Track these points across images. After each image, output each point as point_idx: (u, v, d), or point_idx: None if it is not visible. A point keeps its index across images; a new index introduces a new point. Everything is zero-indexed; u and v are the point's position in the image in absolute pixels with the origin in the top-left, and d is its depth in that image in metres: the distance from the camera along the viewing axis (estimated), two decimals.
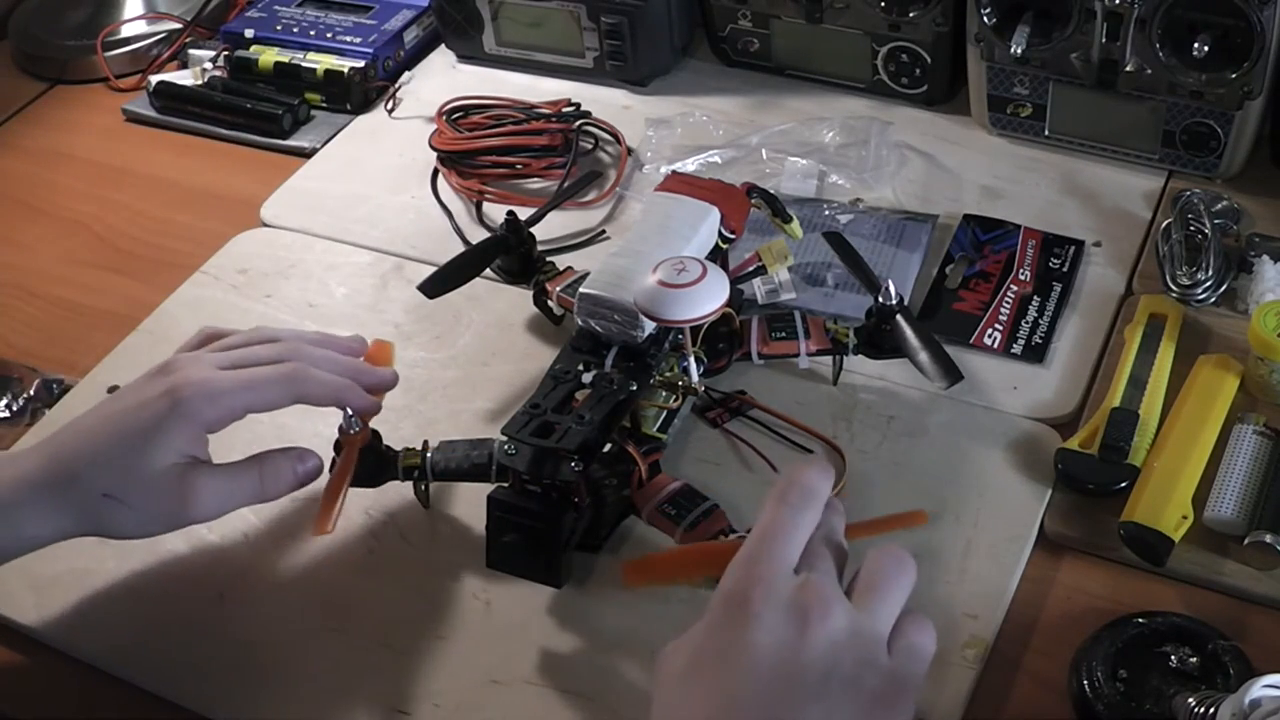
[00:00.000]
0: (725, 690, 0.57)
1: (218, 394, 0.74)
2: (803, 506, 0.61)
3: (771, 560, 0.59)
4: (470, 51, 1.21)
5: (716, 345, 0.85)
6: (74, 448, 0.73)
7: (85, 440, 0.73)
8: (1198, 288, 0.90)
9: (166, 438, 0.72)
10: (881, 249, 0.97)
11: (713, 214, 0.84)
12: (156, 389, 0.73)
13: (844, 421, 0.86)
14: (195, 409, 0.73)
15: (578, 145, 1.08)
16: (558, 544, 0.74)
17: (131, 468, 0.72)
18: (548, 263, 0.94)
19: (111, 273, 1.06)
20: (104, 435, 0.73)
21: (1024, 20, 0.99)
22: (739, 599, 0.58)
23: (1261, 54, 0.92)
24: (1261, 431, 0.79)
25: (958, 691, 0.71)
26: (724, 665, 0.57)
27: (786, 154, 1.05)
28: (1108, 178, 1.02)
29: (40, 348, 0.99)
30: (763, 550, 0.60)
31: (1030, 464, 0.82)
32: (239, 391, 0.74)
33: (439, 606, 0.78)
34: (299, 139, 1.16)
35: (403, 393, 0.91)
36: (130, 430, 0.72)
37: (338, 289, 1.01)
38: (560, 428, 0.73)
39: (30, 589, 0.81)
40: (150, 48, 1.28)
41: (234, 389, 0.74)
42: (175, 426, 0.72)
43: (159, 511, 0.73)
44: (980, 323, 0.91)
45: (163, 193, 1.13)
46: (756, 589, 0.58)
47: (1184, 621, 0.71)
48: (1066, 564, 0.78)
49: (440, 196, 1.07)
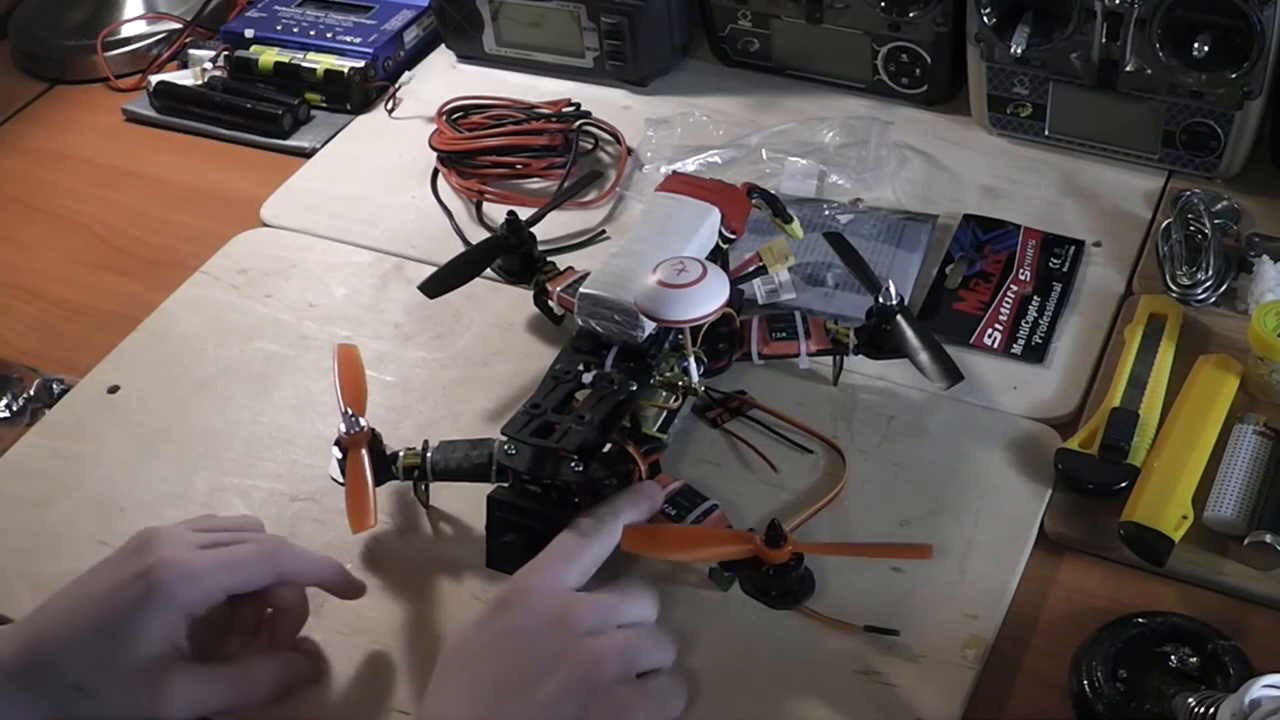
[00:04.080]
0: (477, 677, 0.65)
1: (196, 574, 0.70)
2: (592, 533, 0.72)
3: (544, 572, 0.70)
4: (470, 51, 1.21)
5: (717, 345, 0.85)
6: (50, 633, 0.69)
7: (62, 625, 0.69)
8: (1198, 288, 0.90)
9: (144, 624, 0.68)
10: (881, 249, 0.97)
11: (713, 214, 0.84)
12: (132, 569, 0.70)
13: (844, 421, 0.86)
14: (172, 591, 0.69)
15: (578, 145, 1.08)
16: None
17: (107, 659, 0.68)
18: (548, 263, 0.94)
19: (111, 273, 1.06)
20: (81, 620, 0.69)
21: (1024, 20, 0.99)
22: (503, 600, 0.68)
23: (1261, 54, 0.92)
24: (1261, 431, 0.79)
25: (958, 691, 0.71)
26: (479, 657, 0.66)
27: (786, 154, 1.05)
28: (1108, 178, 1.02)
29: (40, 348, 0.99)
30: (540, 564, 0.70)
31: (1030, 464, 0.82)
32: (218, 571, 0.71)
33: (439, 606, 0.78)
34: (299, 139, 1.16)
35: (403, 393, 0.91)
36: (106, 616, 0.68)
37: (338, 289, 1.00)
38: (560, 428, 0.73)
39: (30, 589, 0.81)
40: (150, 48, 1.28)
41: (213, 569, 0.71)
42: (153, 612, 0.68)
43: (127, 710, 0.68)
44: (980, 323, 0.91)
45: (163, 193, 1.13)
46: (519, 594, 0.68)
47: (1184, 621, 0.71)
48: (1066, 564, 0.78)
49: (440, 196, 1.07)
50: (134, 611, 0.68)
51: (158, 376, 0.94)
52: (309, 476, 0.85)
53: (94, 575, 0.71)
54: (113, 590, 0.69)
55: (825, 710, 0.71)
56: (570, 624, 0.67)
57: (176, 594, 0.69)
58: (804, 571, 0.74)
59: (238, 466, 0.87)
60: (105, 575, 0.71)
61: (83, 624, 0.69)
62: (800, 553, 0.73)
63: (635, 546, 0.73)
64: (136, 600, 0.69)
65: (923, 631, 0.74)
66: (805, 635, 0.74)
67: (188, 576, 0.70)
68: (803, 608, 0.75)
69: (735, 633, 0.75)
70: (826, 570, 0.76)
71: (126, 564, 0.71)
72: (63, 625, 0.69)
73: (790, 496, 0.81)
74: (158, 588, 0.69)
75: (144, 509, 0.85)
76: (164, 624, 0.69)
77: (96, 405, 0.93)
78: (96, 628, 0.68)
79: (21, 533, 0.85)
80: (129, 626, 0.68)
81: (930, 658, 0.73)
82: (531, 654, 0.65)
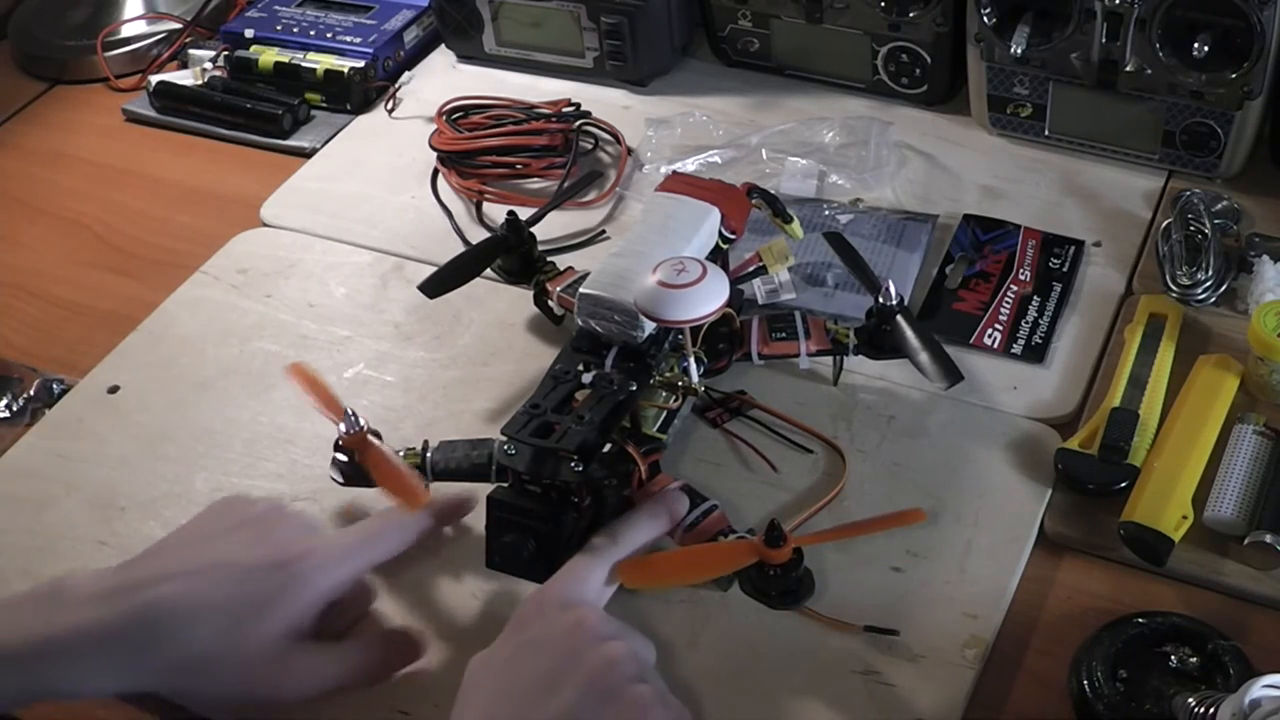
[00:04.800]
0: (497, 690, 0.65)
1: (338, 562, 0.71)
2: (604, 551, 0.72)
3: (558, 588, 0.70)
4: (470, 51, 1.21)
5: (717, 345, 0.85)
6: (172, 600, 0.67)
7: (189, 595, 0.68)
8: (1198, 288, 0.90)
9: (281, 611, 0.68)
10: (881, 249, 0.97)
11: (713, 214, 0.84)
12: (271, 554, 0.70)
13: (844, 421, 0.86)
14: (314, 582, 0.70)
15: (578, 145, 1.08)
16: (558, 544, 0.74)
17: (236, 637, 0.68)
18: (548, 262, 0.94)
19: (111, 273, 1.06)
20: (213, 595, 0.68)
21: (1024, 20, 0.99)
22: (521, 617, 0.69)
23: (1261, 54, 0.92)
24: (1261, 431, 0.79)
25: (958, 691, 0.71)
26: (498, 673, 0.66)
27: (786, 154, 1.05)
28: (1108, 178, 1.02)
29: (40, 348, 0.99)
30: (555, 580, 0.71)
31: (1030, 464, 0.82)
32: (357, 555, 0.72)
33: (439, 606, 0.78)
34: (299, 139, 1.16)
35: (403, 393, 0.91)
36: (242, 596, 0.68)
37: (338, 289, 1.00)
38: (560, 428, 0.73)
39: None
40: (150, 48, 1.28)
41: (352, 553, 0.72)
42: (291, 601, 0.69)
43: (245, 688, 0.69)
44: (980, 323, 0.91)
45: (163, 193, 1.13)
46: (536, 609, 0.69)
47: (1184, 621, 0.71)
48: (1066, 564, 0.78)
49: (440, 196, 1.07)
50: (273, 598, 0.69)
51: (158, 376, 0.94)
52: (309, 476, 0.85)
53: (213, 544, 0.71)
54: (253, 570, 0.69)
55: (825, 710, 0.71)
56: (585, 630, 0.67)
57: (321, 584, 0.70)
58: (803, 571, 0.74)
59: (238, 466, 0.87)
60: (238, 550, 0.70)
61: (215, 599, 0.68)
62: (800, 550, 0.73)
63: (635, 582, 0.73)
64: (277, 588, 0.69)
65: (923, 631, 0.74)
66: (805, 635, 0.74)
67: (327, 566, 0.71)
68: (803, 607, 0.75)
69: (735, 633, 0.75)
70: (826, 570, 0.76)
71: (260, 542, 0.71)
72: (190, 595, 0.68)
73: (790, 496, 0.81)
74: (300, 578, 0.69)
75: (144, 509, 0.85)
76: (300, 612, 0.70)
77: (96, 405, 0.93)
78: (230, 606, 0.68)
79: (21, 533, 0.85)
80: (266, 612, 0.68)
81: (930, 658, 0.73)
82: (549, 662, 0.65)
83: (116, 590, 0.68)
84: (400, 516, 0.75)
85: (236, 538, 0.72)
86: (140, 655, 0.67)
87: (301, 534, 0.73)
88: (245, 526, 0.73)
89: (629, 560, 0.73)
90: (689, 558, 0.75)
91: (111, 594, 0.68)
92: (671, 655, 0.74)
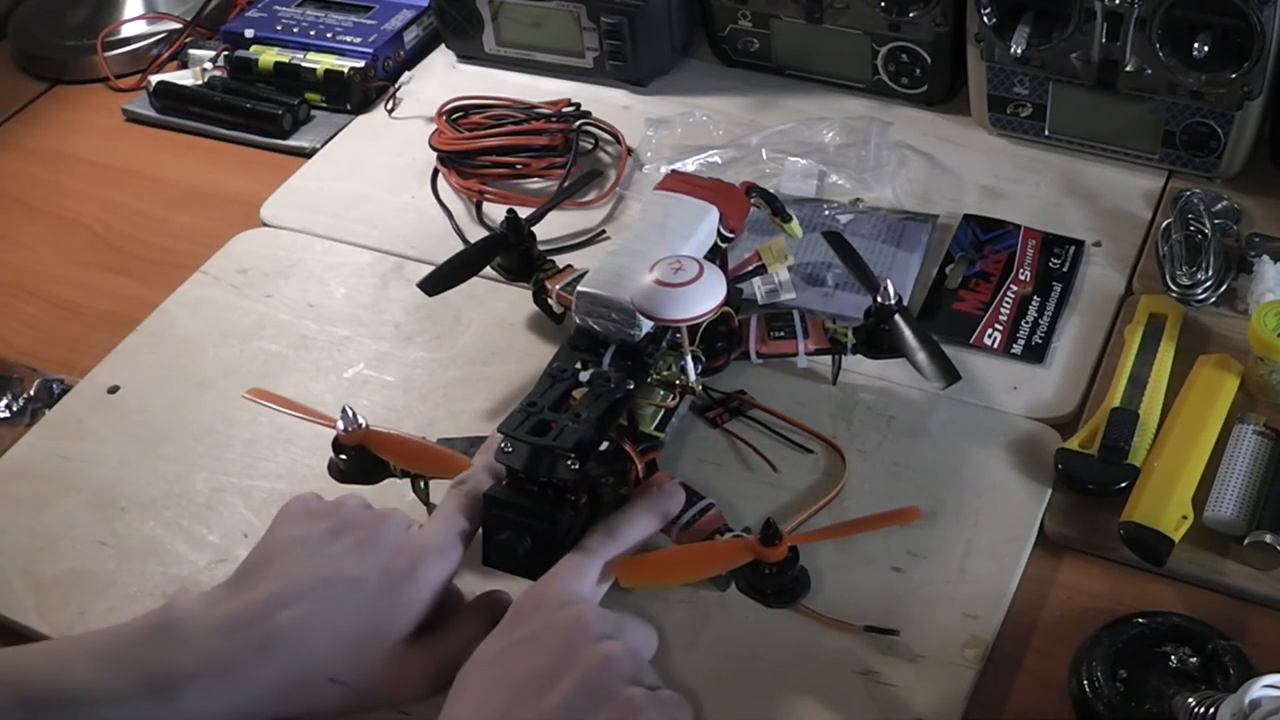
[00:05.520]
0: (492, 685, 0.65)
1: (447, 550, 0.71)
2: (607, 547, 0.72)
3: (555, 584, 0.70)
4: (470, 51, 1.21)
5: (715, 344, 0.85)
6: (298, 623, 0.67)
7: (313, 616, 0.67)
8: (1198, 288, 0.90)
9: (406, 615, 0.69)
10: (881, 249, 0.97)
11: (712, 213, 0.84)
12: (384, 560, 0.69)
13: (844, 421, 0.85)
14: (431, 578, 0.70)
15: (578, 145, 1.08)
16: (555, 542, 0.74)
17: (366, 651, 0.68)
18: (548, 261, 0.94)
19: (111, 273, 1.06)
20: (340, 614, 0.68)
21: (1024, 20, 0.99)
22: (518, 611, 0.69)
23: (1261, 54, 0.92)
24: (1261, 431, 0.79)
25: (958, 691, 0.71)
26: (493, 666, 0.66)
27: (786, 154, 1.05)
28: (1108, 178, 1.02)
29: (40, 348, 0.99)
30: (551, 576, 0.71)
31: (1030, 464, 0.82)
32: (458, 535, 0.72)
33: None
34: (299, 139, 1.16)
35: (403, 393, 0.91)
36: (369, 609, 0.68)
37: (338, 289, 1.00)
38: (557, 426, 0.73)
39: (30, 589, 0.81)
40: (150, 48, 1.28)
41: (456, 540, 0.72)
42: (413, 601, 0.69)
43: (367, 697, 0.69)
44: (980, 323, 0.91)
45: (163, 193, 1.13)
46: (533, 604, 0.68)
47: (1184, 621, 0.71)
48: (1066, 564, 0.78)
49: (440, 196, 1.07)
50: (396, 607, 0.69)
51: (158, 376, 0.95)
52: (309, 476, 0.85)
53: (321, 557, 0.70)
54: (368, 584, 0.69)
55: (824, 710, 0.71)
56: (581, 627, 0.67)
57: (437, 579, 0.70)
58: (799, 570, 0.74)
59: (238, 466, 0.87)
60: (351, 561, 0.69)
61: (338, 619, 0.68)
62: (796, 549, 0.73)
63: (632, 580, 0.73)
64: (398, 596, 0.69)
65: (923, 631, 0.74)
66: (805, 635, 0.74)
67: (439, 562, 0.71)
68: (802, 607, 0.74)
69: (735, 632, 0.75)
70: (825, 570, 0.76)
71: (371, 548, 0.70)
72: (317, 614, 0.67)
73: (790, 496, 0.81)
74: (418, 581, 0.69)
75: (144, 509, 0.85)
76: (421, 614, 0.70)
77: (96, 405, 0.93)
78: (354, 623, 0.68)
79: (21, 533, 0.85)
80: (390, 622, 0.69)
81: (930, 658, 0.72)
82: (544, 658, 0.65)
83: (235, 621, 0.67)
84: (475, 487, 0.75)
85: (342, 546, 0.71)
86: (262, 684, 0.66)
87: (403, 533, 0.72)
88: (346, 532, 0.71)
89: (625, 559, 0.73)
90: (685, 556, 0.75)
91: (230, 626, 0.67)
92: (670, 655, 0.74)
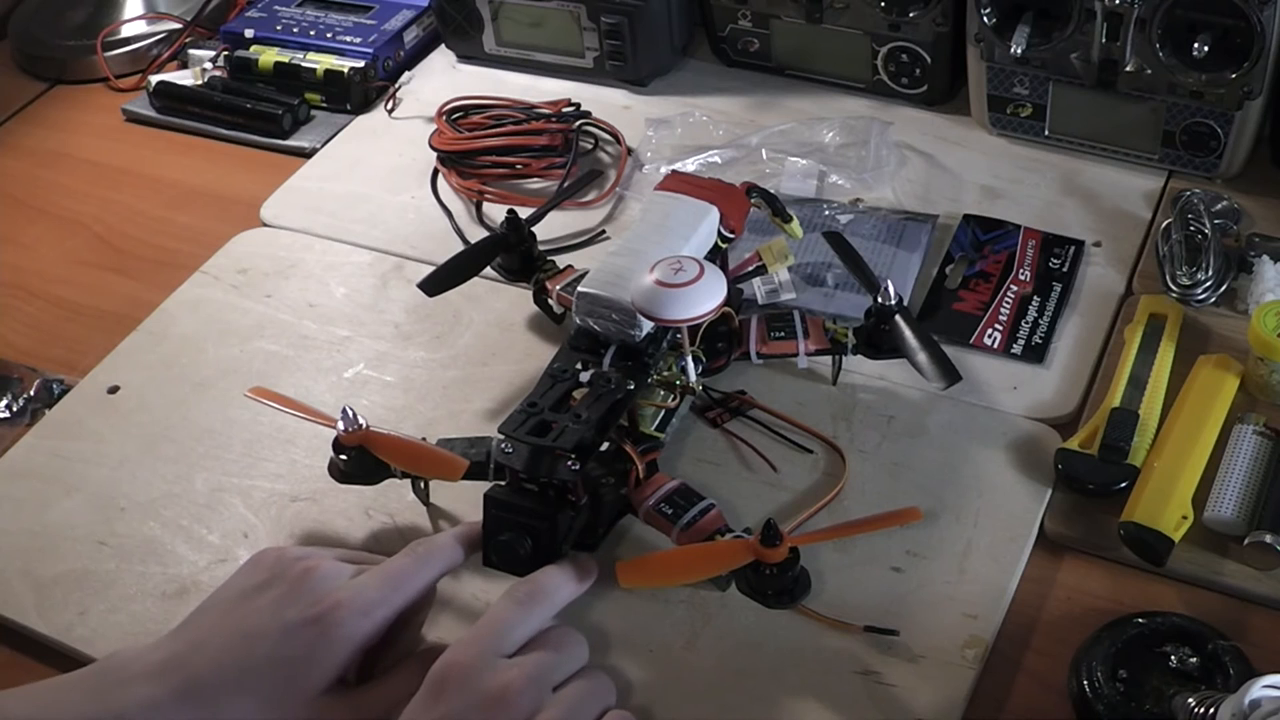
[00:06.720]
0: None
1: (371, 608, 0.69)
2: (529, 604, 0.70)
3: (479, 646, 0.67)
4: (470, 51, 1.21)
5: (715, 344, 0.85)
6: (213, 674, 0.67)
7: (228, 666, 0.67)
8: (1198, 288, 0.90)
9: (321, 666, 0.68)
10: (881, 249, 0.97)
11: (712, 213, 0.84)
12: (303, 612, 0.68)
13: (844, 421, 0.85)
14: (351, 633, 0.68)
15: (578, 145, 1.08)
16: (555, 542, 0.74)
17: (278, 700, 0.67)
18: (548, 261, 0.94)
19: (111, 273, 1.06)
20: (251, 662, 0.67)
21: (1024, 20, 0.99)
22: (439, 681, 0.66)
23: (1261, 54, 0.92)
24: (1261, 431, 0.79)
25: (958, 691, 0.71)
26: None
27: (786, 154, 1.05)
28: (1108, 178, 1.02)
29: (40, 348, 0.99)
30: (474, 638, 0.68)
31: (1030, 464, 0.82)
32: (389, 598, 0.70)
33: (438, 606, 0.77)
34: (299, 139, 1.16)
35: (403, 393, 0.91)
36: (279, 659, 0.67)
37: (338, 289, 1.01)
38: (557, 426, 0.73)
39: (30, 589, 0.81)
40: (150, 48, 1.28)
41: (384, 598, 0.70)
42: (330, 655, 0.68)
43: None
44: (980, 323, 0.91)
45: (163, 193, 1.13)
46: (455, 675, 0.66)
47: (1184, 621, 0.71)
48: (1066, 564, 0.78)
49: (440, 196, 1.07)
50: (309, 657, 0.68)
51: (158, 376, 0.95)
52: (309, 477, 0.85)
53: (246, 608, 0.70)
54: (285, 632, 0.68)
55: (825, 710, 0.71)
56: (508, 704, 0.65)
57: (355, 635, 0.69)
58: (800, 571, 0.74)
59: (238, 466, 0.87)
60: (268, 614, 0.69)
61: (255, 665, 0.67)
62: (796, 549, 0.73)
63: (632, 581, 0.73)
64: (311, 647, 0.68)
65: (923, 631, 0.74)
66: (805, 635, 0.74)
67: (363, 612, 0.69)
68: (802, 607, 0.74)
69: (735, 633, 0.75)
70: (825, 570, 0.76)
71: (290, 602, 0.69)
72: (229, 666, 0.67)
73: (790, 496, 0.81)
74: (332, 634, 0.68)
75: (144, 509, 0.85)
76: (337, 665, 0.68)
77: (96, 405, 0.93)
78: (269, 670, 0.67)
79: (21, 533, 0.85)
80: (304, 671, 0.67)
81: (930, 658, 0.72)
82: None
83: (164, 666, 0.68)
84: (427, 552, 0.74)
85: (268, 598, 0.70)
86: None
87: (330, 586, 0.71)
88: (277, 584, 0.71)
89: (625, 560, 0.73)
90: (684, 557, 0.74)
91: (159, 670, 0.67)
92: (670, 655, 0.74)
